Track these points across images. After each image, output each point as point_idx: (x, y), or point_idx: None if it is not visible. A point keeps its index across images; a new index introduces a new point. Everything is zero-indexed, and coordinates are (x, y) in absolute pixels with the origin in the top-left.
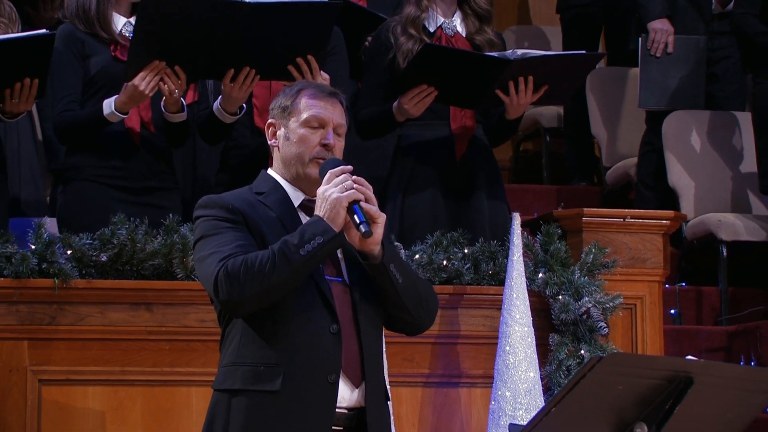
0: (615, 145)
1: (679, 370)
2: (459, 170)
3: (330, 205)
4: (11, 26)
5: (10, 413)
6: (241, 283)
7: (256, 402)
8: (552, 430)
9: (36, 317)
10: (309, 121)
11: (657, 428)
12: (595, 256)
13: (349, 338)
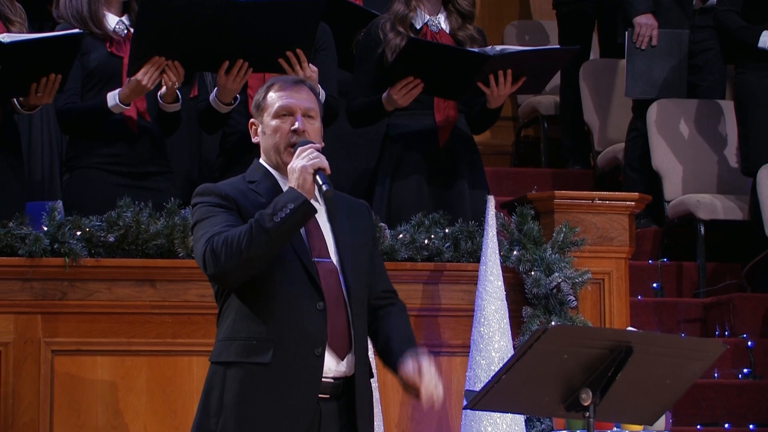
0: (606, 131)
1: (620, 341)
2: (442, 157)
3: (298, 174)
4: (24, 26)
5: (25, 381)
6: (223, 256)
7: (249, 373)
8: (503, 396)
9: (48, 293)
10: (278, 112)
11: (601, 393)
12: (565, 234)
13: (336, 314)
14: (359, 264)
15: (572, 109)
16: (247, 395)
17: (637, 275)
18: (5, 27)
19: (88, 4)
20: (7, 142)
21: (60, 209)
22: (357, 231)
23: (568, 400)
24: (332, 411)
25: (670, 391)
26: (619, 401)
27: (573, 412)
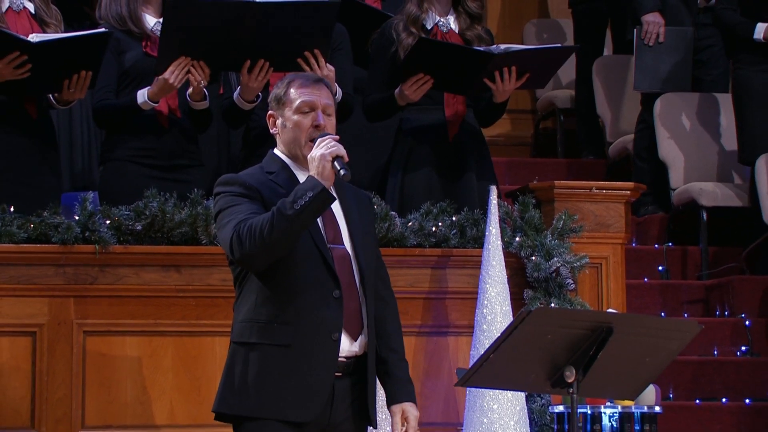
0: (617, 122)
1: (601, 322)
2: (451, 149)
3: (317, 162)
4: (58, 27)
5: (59, 360)
6: (248, 242)
7: (270, 354)
8: (492, 374)
9: (80, 278)
10: (300, 107)
11: (583, 371)
12: (564, 222)
13: (350, 298)
14: (369, 250)
15: (586, 103)
16: (268, 375)
17: (643, 259)
18: (41, 29)
19: (127, 5)
20: (44, 136)
21: (93, 199)
22: (365, 219)
23: (554, 378)
24: (345, 387)
25: (649, 369)
26: (601, 378)
27: (558, 389)
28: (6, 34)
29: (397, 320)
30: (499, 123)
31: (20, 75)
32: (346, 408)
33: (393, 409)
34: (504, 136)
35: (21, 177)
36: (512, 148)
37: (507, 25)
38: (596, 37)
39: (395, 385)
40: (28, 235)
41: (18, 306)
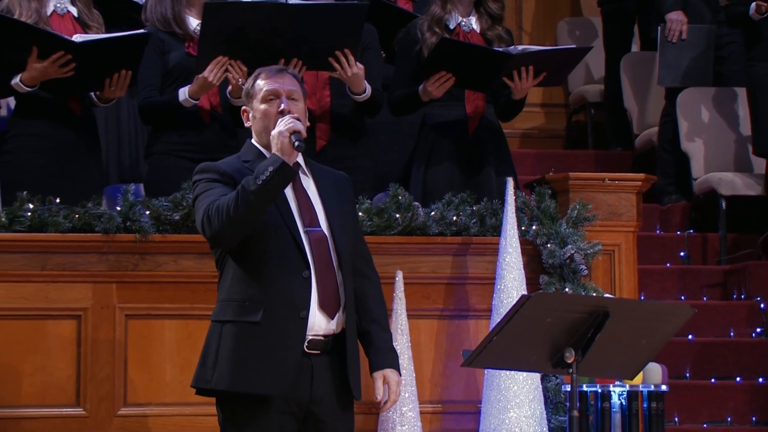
0: (644, 116)
1: (597, 306)
2: (471, 143)
3: (276, 139)
4: (99, 29)
5: (102, 342)
6: (216, 220)
7: (242, 330)
8: (495, 355)
9: (122, 264)
10: (265, 97)
11: (582, 352)
12: (579, 211)
13: (326, 279)
14: (347, 230)
15: (615, 97)
16: (240, 350)
17: (666, 245)
18: (83, 31)
19: (171, 8)
20: (87, 132)
21: (135, 191)
22: (343, 200)
23: (554, 358)
24: (324, 365)
25: (646, 350)
26: (599, 359)
27: (559, 369)
28: (51, 35)
29: (380, 294)
30: (534, 116)
31: (65, 73)
32: (327, 384)
33: (375, 375)
34: (538, 129)
35: (65, 171)
36: (547, 140)
37: (541, 23)
38: (624, 35)
39: (377, 354)
40: (73, 224)
41: (64, 291)
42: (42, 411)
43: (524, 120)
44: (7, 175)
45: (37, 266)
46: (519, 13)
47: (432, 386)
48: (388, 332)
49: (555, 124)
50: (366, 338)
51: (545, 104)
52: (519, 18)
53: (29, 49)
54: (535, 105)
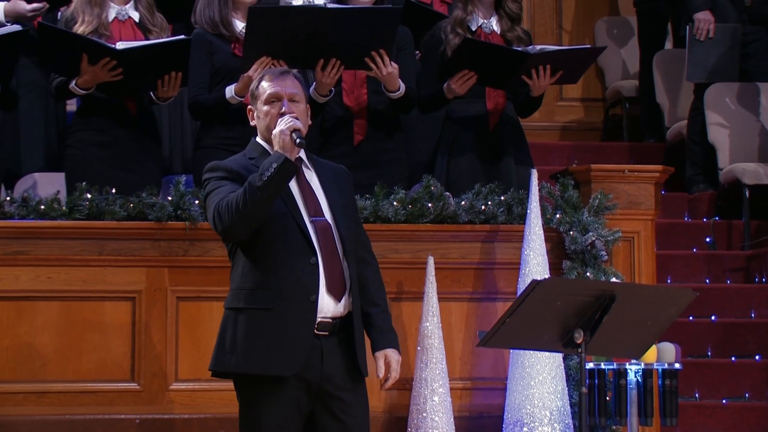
0: (675, 109)
1: (604, 290)
2: (492, 137)
3: (278, 137)
4: (162, 33)
5: (155, 322)
6: (226, 215)
7: (255, 316)
8: (509, 335)
9: (173, 250)
10: (268, 99)
11: (591, 333)
12: (600, 200)
13: (332, 264)
14: (348, 220)
15: (648, 92)
16: (254, 334)
17: (693, 231)
18: (144, 36)
19: (219, 11)
20: (144, 128)
21: (186, 182)
22: (343, 192)
23: (565, 339)
24: (333, 345)
25: (651, 331)
26: (607, 339)
27: (569, 348)
28: (94, 43)
29: (379, 278)
30: (573, 110)
31: (114, 77)
32: (337, 362)
33: (376, 354)
34: (577, 122)
35: (122, 164)
36: (585, 132)
37: (580, 22)
38: (658, 33)
39: (378, 334)
40: (128, 213)
41: (120, 275)
42: (99, 385)
43: (564, 114)
44: (70, 167)
45: (95, 252)
46: (559, 13)
47: (462, 364)
48: (387, 314)
49: (593, 118)
50: (367, 320)
51: (584, 99)
52: (559, 17)
53: (80, 56)
54: (574, 99)
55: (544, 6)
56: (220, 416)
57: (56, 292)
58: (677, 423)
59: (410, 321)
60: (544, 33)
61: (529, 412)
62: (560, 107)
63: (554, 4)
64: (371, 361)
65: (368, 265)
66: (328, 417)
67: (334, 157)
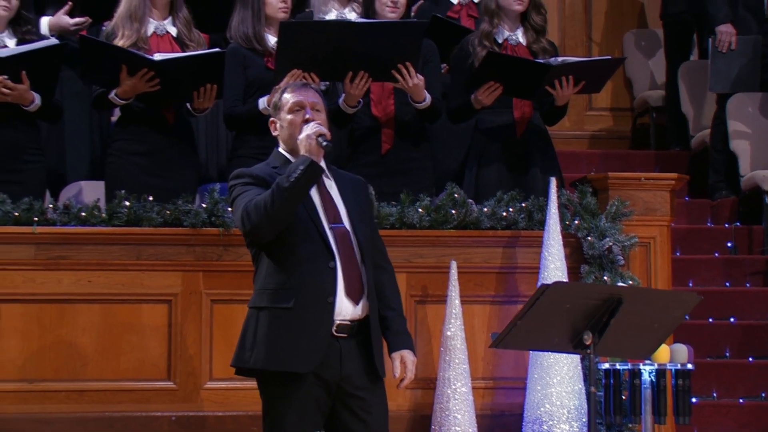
0: (699, 119)
1: (612, 294)
2: (519, 146)
3: (305, 142)
4: (199, 48)
5: (190, 323)
6: (254, 215)
7: (276, 315)
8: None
9: (208, 255)
10: (292, 107)
11: (599, 335)
12: (617, 207)
13: (351, 269)
14: (366, 227)
15: (674, 102)
16: (274, 332)
17: (716, 236)
18: (181, 50)
19: (252, 27)
20: (181, 137)
21: (220, 190)
22: (361, 201)
23: (575, 340)
24: (351, 347)
25: (658, 333)
26: (615, 341)
27: (579, 349)
28: (133, 54)
29: (395, 283)
30: (602, 119)
31: (151, 88)
32: (355, 364)
33: (393, 356)
34: (606, 130)
35: (160, 172)
36: (614, 141)
37: (609, 34)
38: (683, 45)
39: (394, 337)
40: (164, 219)
41: (156, 279)
42: (137, 384)
43: (593, 123)
44: (110, 175)
45: (133, 256)
46: (589, 26)
47: (484, 364)
48: (403, 317)
49: (621, 126)
50: (384, 323)
51: (613, 108)
52: (589, 30)
53: (120, 67)
54: (603, 109)
55: (574, 19)
56: (252, 414)
57: (96, 295)
58: (690, 421)
59: (434, 323)
60: (574, 45)
61: (548, 410)
62: (589, 116)
63: (584, 18)
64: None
65: (384, 271)
66: (350, 415)
67: (362, 165)
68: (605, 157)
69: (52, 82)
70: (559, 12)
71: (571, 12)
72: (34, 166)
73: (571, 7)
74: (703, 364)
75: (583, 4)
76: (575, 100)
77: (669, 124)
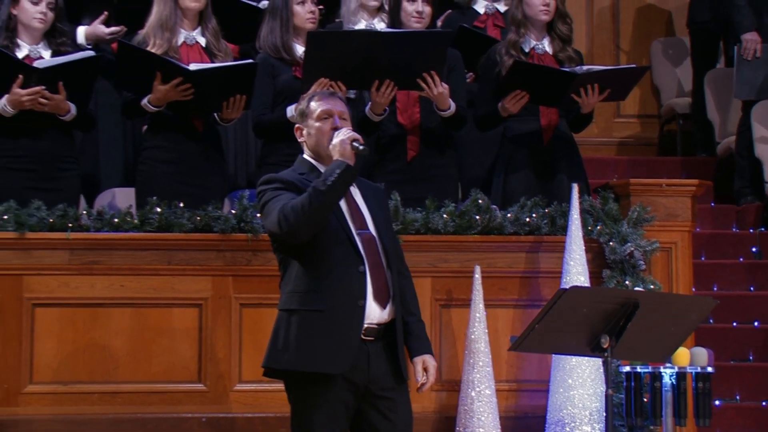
0: (725, 126)
1: (628, 298)
2: (546, 152)
3: (339, 146)
4: (226, 58)
5: (220, 327)
6: (292, 217)
7: (307, 318)
8: (539, 341)
9: (237, 260)
10: (320, 115)
11: (616, 338)
12: (639, 213)
13: (377, 274)
14: (389, 233)
15: (700, 109)
16: (306, 334)
17: (741, 241)
18: (210, 60)
19: (281, 37)
20: (210, 145)
21: (249, 197)
22: (382, 208)
23: (592, 344)
24: (378, 350)
25: (674, 336)
26: (632, 344)
27: (597, 353)
28: (169, 62)
29: (413, 289)
30: (630, 126)
31: (184, 97)
32: (382, 366)
33: (415, 360)
34: (634, 137)
35: (189, 179)
36: (642, 147)
37: (637, 43)
38: (709, 53)
39: (416, 342)
40: (195, 225)
41: (187, 283)
42: (168, 386)
43: (622, 129)
44: (141, 182)
45: (164, 261)
46: (617, 34)
47: (508, 367)
48: (422, 322)
49: (649, 133)
50: (405, 328)
51: (641, 115)
52: (617, 38)
53: (154, 75)
54: (632, 116)
55: (603, 28)
56: (281, 415)
57: (129, 299)
58: (710, 423)
59: (459, 326)
60: (602, 53)
61: (570, 412)
62: (618, 123)
63: (612, 26)
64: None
65: (403, 277)
66: (377, 415)
67: (389, 172)
68: (632, 164)
69: (87, 92)
70: (588, 21)
71: (599, 21)
72: (69, 173)
73: (600, 17)
74: (726, 367)
75: (611, 13)
76: (604, 108)
77: (695, 130)
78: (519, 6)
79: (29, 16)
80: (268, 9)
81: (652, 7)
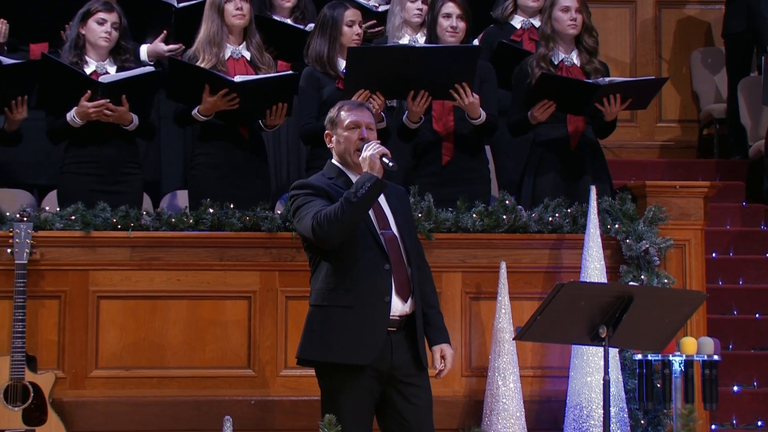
0: (757, 129)
1: (623, 292)
2: (573, 157)
3: (369, 160)
4: (270, 70)
5: (268, 318)
6: (326, 224)
7: (337, 313)
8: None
9: (283, 256)
10: (348, 125)
11: (613, 329)
12: (654, 212)
13: (399, 271)
14: (411, 233)
15: (735, 114)
16: (336, 329)
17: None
18: (254, 72)
19: (327, 52)
20: (255, 151)
21: None
22: (405, 209)
23: (591, 333)
24: (400, 340)
25: (669, 327)
26: (628, 334)
27: (596, 341)
28: (216, 75)
29: (432, 283)
30: (671, 130)
31: (230, 106)
32: (403, 354)
33: (434, 349)
34: (675, 141)
35: (236, 182)
36: (683, 150)
37: (677, 52)
38: (743, 61)
39: (435, 332)
40: (244, 225)
41: (237, 277)
42: (220, 371)
43: (663, 133)
44: (193, 186)
45: (216, 258)
46: (659, 45)
47: (533, 355)
48: (440, 314)
49: (689, 137)
50: (425, 319)
51: (681, 120)
52: (659, 48)
53: (203, 87)
54: (672, 121)
55: (645, 39)
56: None
57: (185, 292)
58: (717, 407)
59: (487, 317)
60: (645, 63)
61: (587, 396)
62: (660, 128)
63: (654, 38)
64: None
65: (423, 273)
66: (402, 399)
67: (425, 175)
68: (670, 166)
69: (148, 104)
70: (631, 32)
71: (642, 32)
72: (133, 178)
73: (642, 28)
74: (747, 356)
75: (654, 25)
76: (647, 113)
77: (730, 134)
78: (548, 22)
79: (96, 35)
80: (317, 24)
81: (692, 19)
